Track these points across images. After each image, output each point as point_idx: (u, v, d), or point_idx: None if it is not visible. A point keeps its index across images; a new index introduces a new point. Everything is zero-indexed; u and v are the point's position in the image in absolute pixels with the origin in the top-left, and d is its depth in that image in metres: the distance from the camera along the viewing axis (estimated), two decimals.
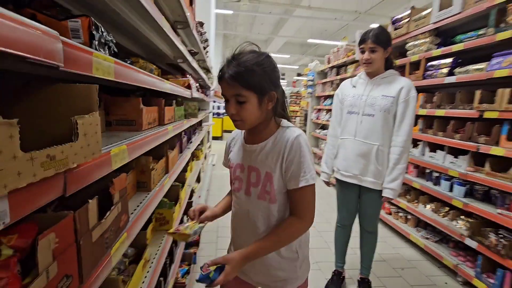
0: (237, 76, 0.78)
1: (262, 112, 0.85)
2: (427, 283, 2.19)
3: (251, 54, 0.82)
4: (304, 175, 0.84)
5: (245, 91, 0.80)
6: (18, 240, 0.41)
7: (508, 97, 1.83)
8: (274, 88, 0.85)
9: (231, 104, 0.82)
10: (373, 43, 1.73)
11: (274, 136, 0.89)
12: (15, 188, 0.29)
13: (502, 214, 1.86)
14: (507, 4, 1.89)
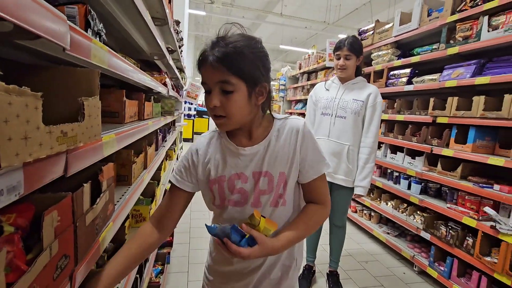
0: (224, 58, 0.64)
1: (251, 107, 0.71)
2: (387, 274, 2.38)
3: (241, 36, 0.68)
4: (323, 160, 0.78)
5: (233, 78, 0.65)
6: (17, 219, 0.41)
7: (456, 105, 2.08)
8: (266, 80, 0.71)
9: (214, 94, 0.66)
10: (348, 50, 1.87)
11: (274, 130, 0.77)
12: (38, 157, 0.30)
13: (450, 208, 2.10)
14: (456, 23, 2.16)
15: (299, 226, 0.77)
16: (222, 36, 0.68)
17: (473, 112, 1.94)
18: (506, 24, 1.79)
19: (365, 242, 2.93)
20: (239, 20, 4.35)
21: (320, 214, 0.80)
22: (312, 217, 0.79)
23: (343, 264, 2.43)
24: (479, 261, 1.84)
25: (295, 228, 0.76)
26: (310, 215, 0.79)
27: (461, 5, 2.13)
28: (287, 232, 0.75)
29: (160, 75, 1.84)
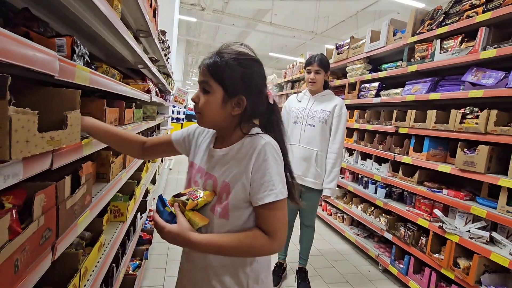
0: (211, 64, 0.74)
1: (224, 113, 0.76)
2: (354, 272, 2.56)
3: (236, 52, 0.76)
4: (273, 188, 0.72)
5: (212, 81, 0.74)
6: (13, 200, 0.56)
7: (414, 117, 2.31)
8: (247, 95, 0.75)
9: (198, 91, 0.77)
10: (318, 66, 2.08)
11: (240, 143, 0.78)
12: (34, 154, 0.45)
13: (408, 211, 2.31)
14: (415, 44, 2.40)
15: (230, 239, 0.72)
16: (223, 48, 0.78)
17: (427, 124, 2.16)
18: (453, 48, 2.03)
19: (337, 243, 3.12)
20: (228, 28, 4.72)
21: (260, 243, 0.73)
22: (250, 240, 0.73)
23: (314, 262, 2.60)
24: (430, 258, 2.05)
25: (225, 238, 0.73)
26: (248, 237, 0.73)
27: (420, 28, 2.37)
28: (215, 236, 0.73)
29: (144, 82, 1.98)
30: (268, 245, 0.73)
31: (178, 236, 0.70)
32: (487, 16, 1.80)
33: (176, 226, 0.71)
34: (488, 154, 1.73)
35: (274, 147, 0.76)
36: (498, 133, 1.68)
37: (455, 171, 1.93)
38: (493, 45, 1.80)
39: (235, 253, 0.74)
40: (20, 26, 0.68)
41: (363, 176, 3.02)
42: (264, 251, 0.75)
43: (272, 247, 0.74)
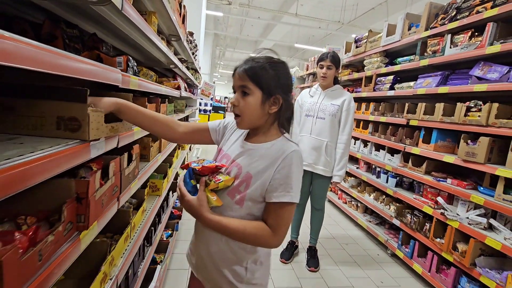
0: (248, 69, 0.81)
1: (263, 113, 0.84)
2: (363, 254, 2.75)
3: (268, 57, 0.85)
4: (290, 191, 0.80)
5: (251, 84, 0.81)
6: (97, 165, 0.88)
7: (423, 110, 2.41)
8: (281, 94, 0.84)
9: (236, 95, 0.84)
10: (330, 62, 2.26)
11: (272, 142, 0.86)
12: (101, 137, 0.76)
13: (416, 199, 2.44)
14: (428, 38, 2.47)
15: (237, 224, 0.80)
16: (255, 56, 0.86)
17: (435, 116, 2.26)
18: (463, 43, 2.10)
19: (349, 229, 3.30)
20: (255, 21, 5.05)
21: (263, 235, 0.80)
22: (254, 230, 0.80)
23: (325, 244, 2.83)
24: (432, 243, 2.19)
25: (233, 222, 0.81)
26: (253, 227, 0.81)
27: (434, 22, 2.43)
28: (224, 218, 0.81)
29: (174, 80, 2.31)
30: (269, 238, 0.80)
31: (194, 208, 0.81)
32: (495, 11, 1.85)
33: (196, 198, 0.81)
34: (489, 145, 1.83)
35: (300, 156, 0.83)
36: (498, 125, 1.77)
37: (458, 161, 2.03)
38: (499, 40, 1.86)
39: (238, 238, 0.82)
40: (94, 50, 0.99)
41: (376, 166, 3.15)
42: (264, 243, 0.83)
43: (272, 241, 0.81)
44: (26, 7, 0.92)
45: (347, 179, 3.75)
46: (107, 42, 1.18)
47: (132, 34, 1.39)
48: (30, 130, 0.65)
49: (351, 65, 4.00)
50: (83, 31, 1.13)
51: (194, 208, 0.81)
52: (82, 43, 1.05)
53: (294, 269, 2.40)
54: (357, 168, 3.52)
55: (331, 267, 2.48)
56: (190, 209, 0.82)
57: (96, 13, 0.96)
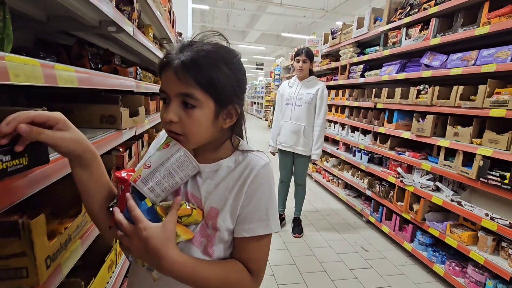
0: (192, 66, 0.53)
1: (214, 129, 0.60)
2: (342, 222, 3.18)
3: (218, 46, 0.58)
4: (267, 219, 0.61)
5: (199, 92, 0.54)
6: (122, 148, 1.23)
7: (386, 94, 2.78)
8: (238, 101, 0.61)
9: (172, 106, 0.55)
10: (305, 56, 2.61)
11: (230, 159, 0.64)
12: (127, 127, 1.10)
13: (383, 171, 2.85)
14: (389, 31, 2.82)
15: (217, 272, 0.58)
16: (194, 40, 0.58)
17: (395, 99, 2.64)
18: (414, 35, 2.46)
19: (332, 203, 3.73)
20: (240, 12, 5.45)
21: (243, 281, 0.60)
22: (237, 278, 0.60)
23: (309, 216, 3.25)
24: (395, 206, 2.61)
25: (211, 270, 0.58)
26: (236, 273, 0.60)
27: (393, 16, 2.78)
28: (199, 262, 0.57)
29: None
30: (249, 285, 0.61)
31: (154, 243, 0.50)
32: (436, 9, 2.21)
33: (160, 227, 0.51)
34: (433, 122, 2.22)
35: (270, 170, 0.64)
36: (439, 105, 2.15)
37: (413, 136, 2.43)
38: (441, 33, 2.22)
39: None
40: (110, 63, 1.32)
41: (352, 146, 3.55)
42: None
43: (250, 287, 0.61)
44: (60, 33, 1.24)
45: (329, 159, 4.15)
46: (117, 54, 1.51)
47: (134, 46, 1.71)
48: (84, 124, 0.99)
49: (329, 55, 4.34)
50: (99, 47, 1.46)
51: (157, 242, 0.50)
52: (99, 57, 1.38)
53: (282, 236, 2.81)
54: (337, 149, 3.92)
55: (313, 233, 2.90)
56: (147, 244, 0.50)
57: (111, 35, 1.29)
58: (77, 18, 1.06)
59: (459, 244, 1.97)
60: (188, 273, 0.54)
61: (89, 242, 0.75)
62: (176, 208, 0.54)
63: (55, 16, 1.06)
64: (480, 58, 1.87)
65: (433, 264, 2.18)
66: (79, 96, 1.00)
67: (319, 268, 2.31)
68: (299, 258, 2.44)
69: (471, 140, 1.93)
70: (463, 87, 1.97)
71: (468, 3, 1.97)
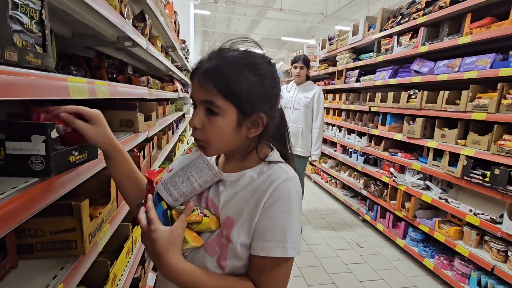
0: (214, 73, 0.54)
1: (238, 138, 0.59)
2: (339, 221, 3.31)
3: (247, 54, 0.58)
4: (285, 240, 0.55)
5: (220, 99, 0.54)
6: (137, 149, 1.38)
7: (380, 98, 2.93)
8: (265, 110, 0.58)
9: (197, 113, 0.57)
10: (302, 63, 2.77)
11: (254, 170, 0.61)
12: (142, 130, 1.25)
13: (377, 172, 2.99)
14: (382, 38, 2.97)
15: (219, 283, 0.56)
16: (224, 47, 0.59)
17: (388, 103, 2.79)
18: (405, 43, 2.61)
19: (330, 203, 3.86)
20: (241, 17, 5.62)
21: None
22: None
23: (307, 215, 3.38)
24: (388, 205, 2.74)
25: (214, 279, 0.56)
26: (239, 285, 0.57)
27: (386, 24, 2.93)
28: (202, 274, 0.55)
29: (173, 84, 2.78)
30: None
31: (160, 245, 0.52)
32: (424, 19, 2.36)
33: (168, 230, 0.53)
34: (422, 124, 2.36)
35: (296, 185, 0.59)
36: (428, 108, 2.30)
37: (404, 138, 2.57)
38: (429, 41, 2.37)
39: None
40: (124, 73, 1.47)
41: (349, 148, 3.69)
42: None
43: None
44: (81, 48, 1.39)
45: (327, 161, 4.29)
46: (129, 64, 1.66)
47: (144, 56, 1.87)
48: None
49: (327, 60, 4.49)
50: (114, 58, 1.61)
51: (161, 245, 0.52)
52: (114, 67, 1.53)
53: None
54: (335, 150, 4.06)
55: (311, 231, 3.03)
56: (154, 245, 0.53)
57: (126, 48, 1.44)
58: (98, 35, 1.21)
59: (446, 238, 2.10)
60: (187, 282, 0.53)
61: (115, 226, 0.89)
62: (186, 213, 0.56)
63: (79, 34, 1.21)
64: (463, 65, 2.01)
65: (423, 259, 2.31)
66: (97, 103, 1.15)
67: (316, 263, 2.44)
68: None
69: (457, 141, 2.07)
70: (449, 92, 2.11)
71: (452, 14, 2.12)
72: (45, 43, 0.51)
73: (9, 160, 0.49)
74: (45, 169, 0.50)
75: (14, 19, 0.43)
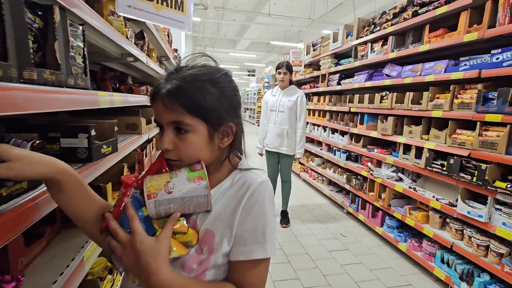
0: (178, 93, 0.54)
1: (212, 150, 0.61)
2: (325, 214, 3.56)
3: (203, 67, 0.60)
4: (264, 241, 0.58)
5: (189, 118, 0.55)
6: (140, 149, 1.59)
7: (358, 99, 3.21)
8: (233, 118, 0.61)
9: (167, 135, 0.57)
10: (285, 69, 3.02)
11: (229, 179, 0.63)
12: (145, 132, 1.46)
13: (358, 167, 3.25)
14: (358, 45, 3.26)
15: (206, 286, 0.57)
16: (180, 66, 0.60)
17: (364, 104, 3.06)
18: (377, 49, 2.89)
19: (317, 199, 4.12)
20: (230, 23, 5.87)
21: None
22: None
23: (296, 210, 3.62)
24: (368, 196, 3.01)
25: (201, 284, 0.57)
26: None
27: (362, 32, 3.22)
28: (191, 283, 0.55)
29: None
30: None
31: (146, 256, 0.50)
32: (392, 28, 2.65)
33: (154, 241, 0.51)
34: (393, 122, 2.64)
35: (269, 187, 0.62)
36: (397, 108, 2.57)
37: (379, 135, 2.84)
38: (397, 48, 2.66)
39: None
40: (126, 83, 1.70)
41: (333, 146, 3.95)
42: None
43: None
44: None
45: (314, 159, 4.55)
46: (129, 74, 1.88)
47: (141, 67, 2.09)
48: None
49: (312, 64, 4.77)
50: (116, 70, 1.83)
51: (148, 257, 0.50)
52: (116, 78, 1.75)
53: None
54: (321, 149, 4.33)
55: (299, 224, 3.27)
56: (139, 258, 0.51)
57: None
58: (103, 52, 1.43)
59: (416, 223, 2.37)
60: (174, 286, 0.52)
61: None
62: (172, 223, 0.54)
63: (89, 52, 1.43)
64: (424, 69, 2.30)
65: (398, 243, 2.58)
66: (97, 111, 1.36)
67: (302, 251, 2.68)
68: (285, 243, 2.81)
69: (421, 136, 2.35)
70: (413, 93, 2.39)
71: (414, 24, 2.41)
72: (86, 70, 0.74)
73: (63, 151, 0.71)
74: (88, 157, 0.73)
75: (71, 57, 0.66)
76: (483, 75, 1.81)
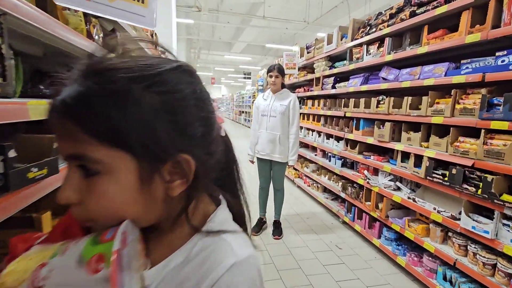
0: (77, 106, 0.32)
1: (151, 202, 0.36)
2: (320, 224, 3.40)
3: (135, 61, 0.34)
4: None
5: (101, 150, 0.32)
6: None
7: (353, 103, 3.07)
8: (191, 146, 0.37)
9: (67, 178, 0.34)
10: (277, 72, 2.87)
11: (183, 251, 0.39)
12: None
13: (354, 175, 3.10)
14: (353, 48, 3.13)
15: None
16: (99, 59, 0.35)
17: (360, 109, 2.92)
18: (373, 52, 2.76)
19: (312, 206, 3.96)
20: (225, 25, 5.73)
21: None
22: None
23: (289, 219, 3.46)
24: (364, 206, 2.86)
25: None
26: None
27: (356, 34, 3.09)
28: None
29: None
30: None
31: None
32: (389, 30, 2.51)
33: None
34: (391, 128, 2.49)
35: (250, 272, 0.38)
36: (394, 113, 2.44)
37: (375, 142, 2.70)
38: (394, 50, 2.53)
39: None
40: None
41: (328, 152, 3.81)
42: None
43: None
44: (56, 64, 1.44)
45: (308, 165, 4.40)
46: None
47: None
48: None
49: (306, 67, 4.64)
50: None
51: None
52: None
53: (262, 239, 3.00)
54: (315, 155, 4.18)
55: (292, 235, 3.10)
56: None
57: None
58: (68, 53, 1.26)
59: (415, 236, 2.22)
60: None
61: None
62: None
63: (50, 52, 1.26)
64: (423, 73, 2.16)
65: (396, 257, 2.42)
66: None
67: (295, 266, 2.51)
68: (277, 257, 2.64)
69: (420, 143, 2.21)
70: (412, 98, 2.26)
71: (412, 25, 2.28)
72: (4, 74, 0.57)
73: None
74: (4, 186, 0.56)
75: None
76: (487, 78, 1.67)
